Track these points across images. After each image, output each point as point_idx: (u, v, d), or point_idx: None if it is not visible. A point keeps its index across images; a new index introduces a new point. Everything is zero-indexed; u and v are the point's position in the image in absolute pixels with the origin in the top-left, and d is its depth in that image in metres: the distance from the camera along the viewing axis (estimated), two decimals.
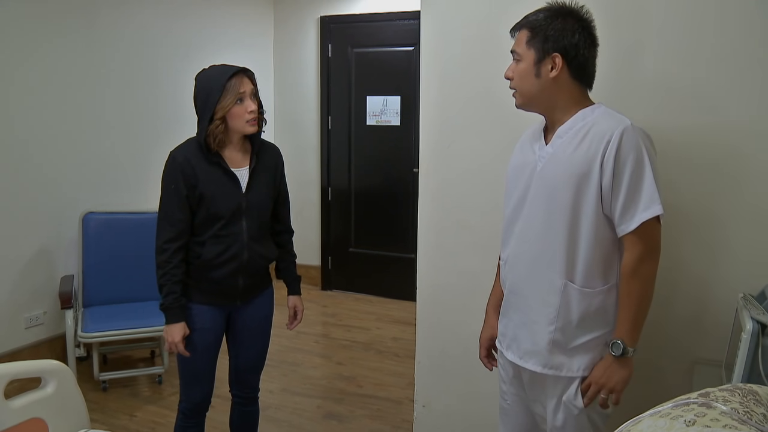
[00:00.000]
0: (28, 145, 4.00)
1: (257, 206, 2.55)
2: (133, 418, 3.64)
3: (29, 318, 4.09)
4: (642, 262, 1.87)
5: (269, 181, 2.60)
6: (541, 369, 2.01)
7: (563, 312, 1.95)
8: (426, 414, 3.01)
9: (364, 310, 5.68)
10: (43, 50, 4.03)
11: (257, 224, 2.56)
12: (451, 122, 2.77)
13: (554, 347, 1.98)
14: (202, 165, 2.45)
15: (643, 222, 1.84)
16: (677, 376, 2.47)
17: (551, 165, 1.95)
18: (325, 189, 6.15)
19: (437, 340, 2.93)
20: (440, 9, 2.74)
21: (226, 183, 2.48)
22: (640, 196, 1.84)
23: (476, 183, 2.72)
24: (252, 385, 2.83)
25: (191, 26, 5.19)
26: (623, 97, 2.40)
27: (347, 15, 5.88)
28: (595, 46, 1.95)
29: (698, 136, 2.35)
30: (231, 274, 2.53)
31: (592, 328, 1.95)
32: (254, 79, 2.51)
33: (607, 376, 1.91)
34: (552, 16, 1.91)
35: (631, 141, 1.83)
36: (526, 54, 1.94)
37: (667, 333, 2.48)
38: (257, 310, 2.71)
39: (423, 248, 2.92)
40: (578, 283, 1.93)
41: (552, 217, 1.94)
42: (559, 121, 1.96)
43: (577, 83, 1.95)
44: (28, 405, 2.14)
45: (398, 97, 5.72)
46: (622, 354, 1.88)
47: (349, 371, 4.35)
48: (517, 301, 2.07)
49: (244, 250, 2.53)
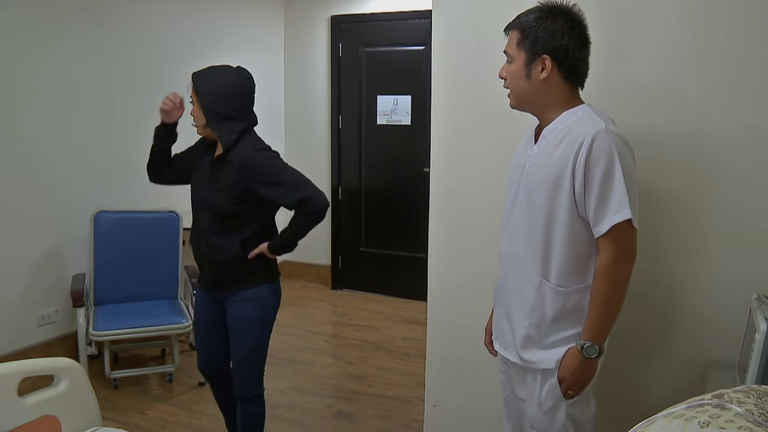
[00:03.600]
0: (39, 144, 4.01)
1: (218, 200, 2.60)
2: (144, 417, 3.65)
3: (41, 316, 4.10)
4: (614, 264, 1.89)
5: (233, 179, 2.58)
6: (518, 360, 2.08)
7: (538, 309, 2.00)
8: (437, 414, 3.01)
9: (374, 309, 5.67)
10: (52, 50, 4.04)
11: (219, 219, 2.62)
12: (462, 123, 2.77)
13: (529, 342, 2.04)
14: (200, 152, 2.72)
15: (614, 225, 1.85)
16: (690, 378, 2.46)
17: (534, 165, 1.99)
18: (335, 188, 6.15)
19: (448, 340, 2.93)
20: (452, 8, 2.73)
21: (203, 171, 2.67)
22: (610, 200, 1.85)
23: (487, 184, 2.72)
24: (243, 382, 2.81)
25: (201, 26, 5.19)
26: (616, 96, 2.41)
27: (358, 14, 5.87)
28: (586, 46, 1.95)
29: (711, 136, 2.34)
30: (198, 260, 2.76)
31: (568, 326, 1.99)
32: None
33: (576, 376, 1.95)
34: (542, 17, 1.92)
35: (603, 145, 1.83)
36: (517, 55, 1.95)
37: (680, 334, 2.48)
38: (235, 311, 2.72)
39: (434, 249, 2.92)
40: (553, 282, 1.97)
41: (532, 216, 1.98)
42: (548, 121, 1.99)
43: (568, 83, 1.96)
44: (42, 402, 2.15)
45: (409, 96, 5.70)
46: (596, 356, 1.92)
47: (359, 371, 4.34)
48: (503, 294, 2.14)
49: (202, 240, 2.67)
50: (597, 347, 1.92)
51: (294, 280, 6.34)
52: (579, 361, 1.94)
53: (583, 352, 1.92)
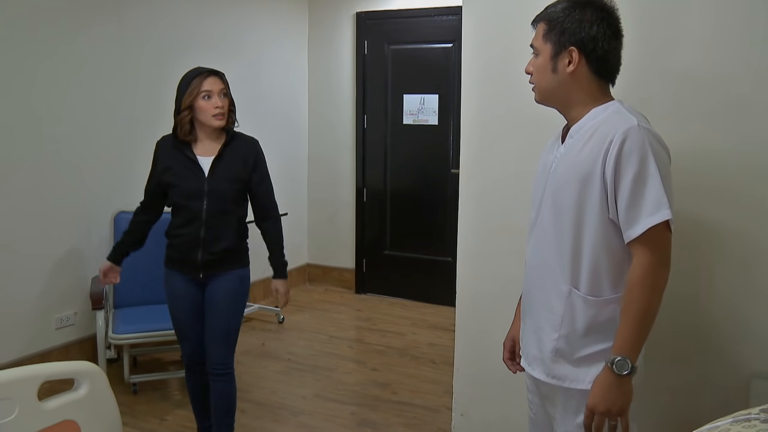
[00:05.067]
0: (58, 143, 3.99)
1: (217, 190, 2.89)
2: (164, 422, 3.62)
3: (60, 319, 4.08)
4: (651, 272, 1.74)
5: (237, 168, 2.93)
6: (545, 377, 1.95)
7: (568, 320, 1.87)
8: (464, 423, 2.96)
9: (399, 314, 5.61)
10: (71, 48, 4.01)
11: (218, 206, 2.90)
12: (493, 122, 2.73)
13: (558, 356, 1.91)
14: (172, 152, 2.93)
15: (650, 228, 1.72)
16: (733, 391, 2.38)
17: (561, 166, 1.90)
18: (360, 190, 6.09)
19: (477, 348, 2.88)
20: (484, 4, 2.69)
21: (189, 168, 2.89)
22: (645, 200, 1.73)
23: (520, 186, 2.64)
24: (216, 359, 3.00)
25: (223, 23, 5.15)
26: (655, 94, 2.34)
27: (384, 11, 5.82)
28: (618, 38, 1.86)
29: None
30: (190, 245, 2.92)
31: (601, 339, 1.84)
32: (225, 80, 2.93)
33: (610, 401, 1.77)
34: (570, 8, 1.84)
35: (635, 141, 1.73)
36: (543, 48, 1.88)
37: (722, 345, 2.41)
38: (221, 286, 2.98)
39: (463, 253, 2.87)
40: (583, 291, 1.85)
41: (559, 220, 1.88)
42: (575, 118, 1.89)
43: (597, 78, 1.86)
44: (61, 407, 2.12)
45: (436, 95, 5.63)
46: (628, 373, 1.75)
47: (383, 377, 4.28)
48: (529, 305, 2.03)
49: (202, 227, 2.89)
50: (630, 363, 1.75)
51: (317, 283, 6.31)
52: (611, 380, 1.76)
53: (613, 369, 1.75)
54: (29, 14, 3.76)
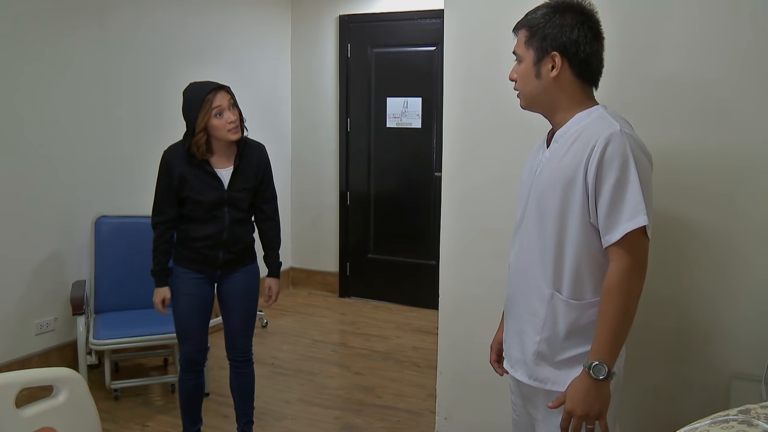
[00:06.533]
0: (39, 147, 3.94)
1: (238, 198, 3.03)
2: (146, 428, 3.59)
3: (39, 324, 4.02)
4: (627, 277, 1.76)
5: (251, 175, 3.06)
6: (527, 380, 1.97)
7: (549, 323, 1.89)
8: (448, 427, 2.97)
9: (383, 318, 5.60)
10: (54, 50, 3.97)
11: (238, 211, 3.05)
12: (476, 126, 2.74)
13: (540, 359, 1.93)
14: (188, 168, 2.96)
15: (627, 233, 1.74)
16: (714, 392, 2.41)
17: (546, 170, 1.91)
18: (343, 193, 6.07)
19: (460, 351, 2.89)
20: (466, 7, 2.70)
21: (209, 182, 2.98)
22: (624, 206, 1.75)
23: (503, 189, 2.67)
24: (241, 348, 3.21)
25: (206, 26, 5.12)
26: (636, 99, 2.37)
27: (367, 14, 5.80)
28: (599, 41, 1.88)
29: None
30: (212, 248, 3.04)
31: (582, 342, 1.86)
32: (231, 92, 2.97)
33: (588, 404, 1.78)
34: (550, 13, 1.86)
35: (617, 147, 1.74)
36: (525, 54, 1.89)
37: (703, 346, 2.44)
38: (239, 282, 3.14)
39: (446, 257, 2.88)
40: (565, 294, 1.87)
41: (543, 224, 1.89)
42: (560, 123, 1.90)
43: (581, 82, 1.88)
44: (40, 414, 2.12)
45: (419, 98, 5.63)
46: (605, 377, 1.77)
47: (367, 381, 4.27)
48: (512, 308, 2.04)
49: (224, 231, 3.02)
50: (607, 368, 1.76)
51: (300, 287, 6.29)
52: (588, 384, 1.78)
53: (590, 373, 1.77)
54: (10, 17, 3.71)
